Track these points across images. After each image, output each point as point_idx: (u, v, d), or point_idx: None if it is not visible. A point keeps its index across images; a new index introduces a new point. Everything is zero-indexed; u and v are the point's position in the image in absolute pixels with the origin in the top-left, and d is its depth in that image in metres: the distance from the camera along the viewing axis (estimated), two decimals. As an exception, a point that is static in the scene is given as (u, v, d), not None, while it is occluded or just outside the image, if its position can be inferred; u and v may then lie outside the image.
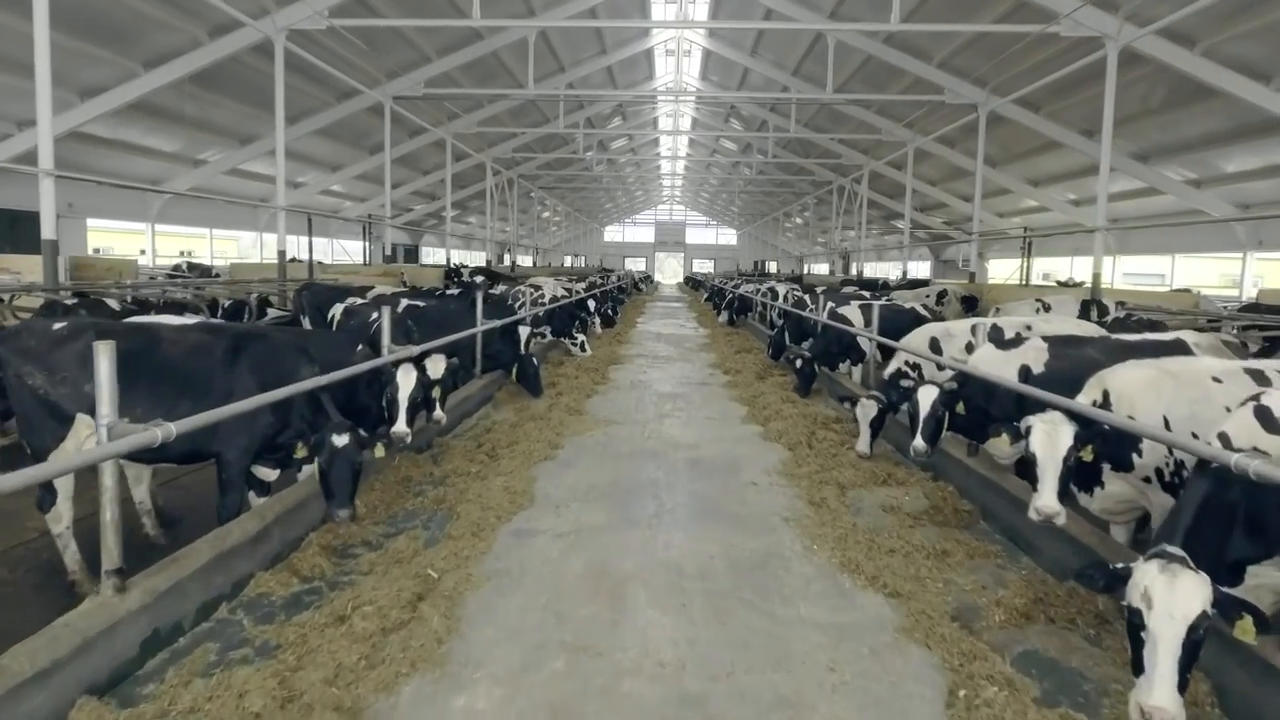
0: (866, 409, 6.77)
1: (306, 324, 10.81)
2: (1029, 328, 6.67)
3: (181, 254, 25.82)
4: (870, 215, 32.98)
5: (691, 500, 5.93)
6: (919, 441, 5.42)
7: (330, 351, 5.22)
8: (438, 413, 6.27)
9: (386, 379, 5.43)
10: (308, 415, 4.73)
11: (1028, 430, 4.11)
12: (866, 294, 16.19)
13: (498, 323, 9.14)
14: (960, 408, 5.35)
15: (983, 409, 5.38)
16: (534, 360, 9.82)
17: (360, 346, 5.50)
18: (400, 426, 5.37)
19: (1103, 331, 6.93)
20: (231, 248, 31.11)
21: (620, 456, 7.18)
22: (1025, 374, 5.28)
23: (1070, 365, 5.14)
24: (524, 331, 10.22)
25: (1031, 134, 22.25)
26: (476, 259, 42.36)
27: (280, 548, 4.52)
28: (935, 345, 7.15)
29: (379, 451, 4.75)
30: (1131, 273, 29.56)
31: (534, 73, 20.78)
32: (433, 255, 49.12)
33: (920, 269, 48.39)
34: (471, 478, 6.12)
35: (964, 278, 40.66)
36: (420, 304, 9.33)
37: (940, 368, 6.50)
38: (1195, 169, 20.00)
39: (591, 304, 18.03)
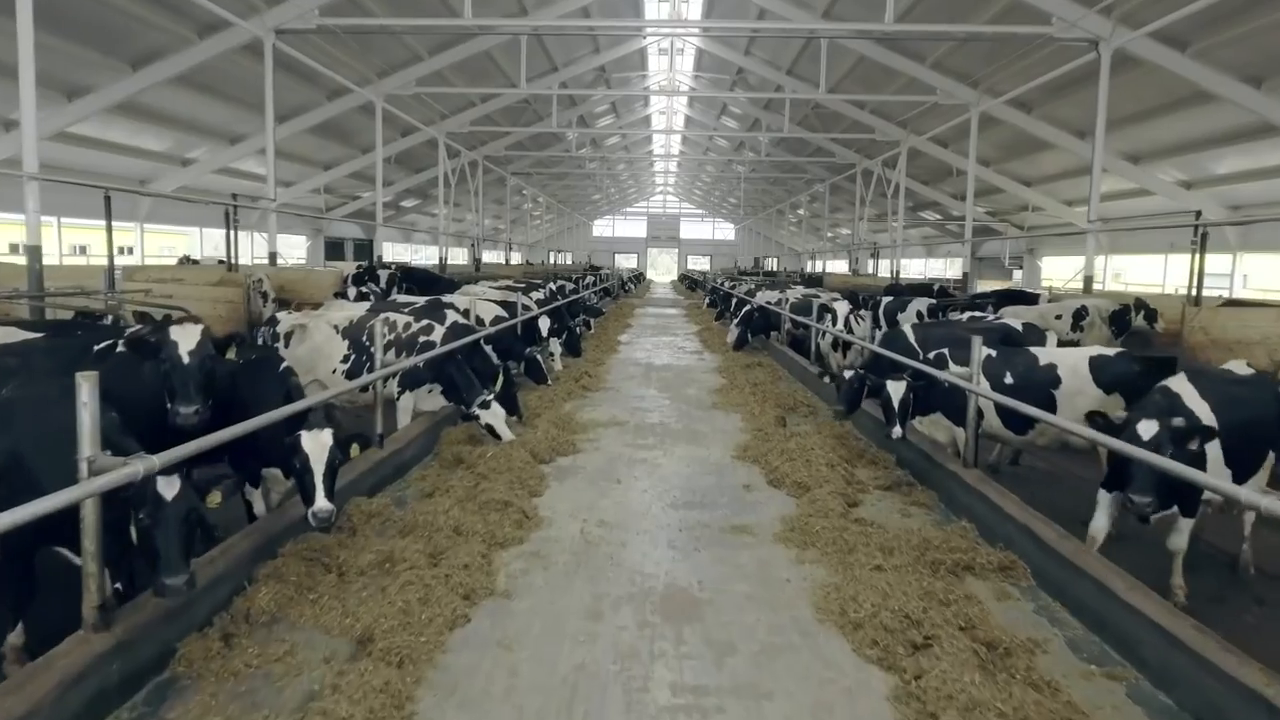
0: None
1: None
2: None
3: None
4: (896, 204, 26.78)
5: None
6: None
7: None
8: None
9: None
10: None
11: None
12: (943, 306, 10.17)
13: (177, 456, 3.02)
14: None
15: None
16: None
17: None
18: None
19: None
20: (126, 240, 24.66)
21: None
22: None
23: None
24: (314, 459, 4.04)
25: (1154, 88, 16.18)
26: (456, 256, 36.01)
27: None
28: None
29: None
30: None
31: (482, 7, 14.68)
32: (415, 254, 42.74)
33: (934, 267, 42.12)
34: None
35: (1005, 278, 34.59)
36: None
37: None
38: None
39: (545, 325, 11.97)
